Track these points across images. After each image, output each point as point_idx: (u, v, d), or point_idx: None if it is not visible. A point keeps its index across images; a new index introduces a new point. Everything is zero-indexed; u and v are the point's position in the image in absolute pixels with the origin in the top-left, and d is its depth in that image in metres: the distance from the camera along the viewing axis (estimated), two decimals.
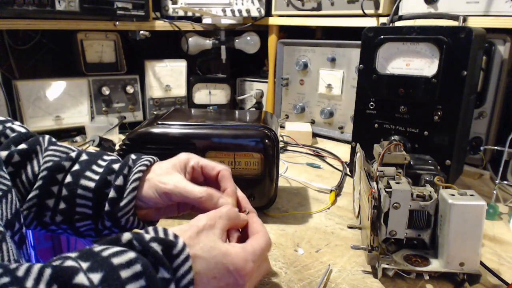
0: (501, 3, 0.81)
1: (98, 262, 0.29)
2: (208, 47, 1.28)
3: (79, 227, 0.49)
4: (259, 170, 0.62)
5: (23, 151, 0.47)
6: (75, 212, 0.48)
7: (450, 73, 0.69)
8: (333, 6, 1.07)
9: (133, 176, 0.47)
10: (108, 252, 0.30)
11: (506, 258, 0.57)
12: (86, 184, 0.47)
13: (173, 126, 0.63)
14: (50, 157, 0.49)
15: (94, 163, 0.49)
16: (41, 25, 0.95)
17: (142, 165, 0.48)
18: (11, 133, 0.49)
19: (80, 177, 0.48)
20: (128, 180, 0.47)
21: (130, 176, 0.47)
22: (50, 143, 0.51)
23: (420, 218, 0.51)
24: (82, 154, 0.51)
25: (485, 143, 0.90)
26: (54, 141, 0.52)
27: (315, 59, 1.14)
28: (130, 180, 0.47)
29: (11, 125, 0.50)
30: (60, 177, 0.48)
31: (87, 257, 0.30)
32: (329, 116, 1.12)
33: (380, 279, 0.50)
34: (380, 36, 0.75)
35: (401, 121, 0.76)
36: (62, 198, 0.48)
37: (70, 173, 0.48)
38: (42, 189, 0.47)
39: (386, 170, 0.55)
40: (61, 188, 0.48)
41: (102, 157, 0.51)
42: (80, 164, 0.49)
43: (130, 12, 1.07)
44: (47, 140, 0.51)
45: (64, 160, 0.49)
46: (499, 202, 0.72)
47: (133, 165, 0.49)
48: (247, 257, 0.38)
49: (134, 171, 0.48)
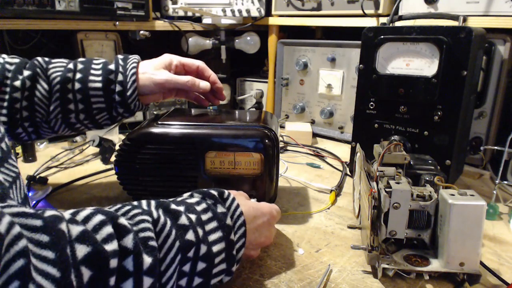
0: (501, 3, 0.81)
1: (178, 202, 0.43)
2: (208, 47, 1.28)
3: (98, 119, 0.65)
4: (259, 170, 0.62)
5: (30, 76, 0.61)
6: (93, 109, 0.64)
7: (450, 73, 0.69)
8: (333, 6, 1.07)
9: (130, 72, 0.63)
10: (181, 198, 0.45)
11: (506, 258, 0.57)
12: (93, 86, 0.63)
13: (173, 126, 0.63)
14: (55, 73, 0.63)
15: (91, 69, 0.64)
16: (41, 25, 0.95)
17: (133, 63, 0.65)
18: (10, 66, 0.61)
19: (86, 82, 0.63)
20: (127, 75, 0.63)
21: (127, 72, 0.64)
22: (46, 62, 0.64)
23: (420, 218, 0.51)
24: (77, 63, 0.64)
25: (485, 143, 0.90)
26: (47, 60, 0.65)
27: (315, 59, 1.14)
28: (128, 75, 0.63)
29: (7, 59, 0.61)
30: (70, 86, 0.62)
31: (168, 201, 0.43)
32: (329, 116, 1.12)
33: (380, 279, 0.50)
34: (380, 36, 0.75)
35: (401, 121, 0.76)
36: (79, 101, 0.63)
37: (77, 81, 0.63)
38: (60, 99, 0.62)
39: (386, 170, 0.55)
40: (75, 94, 0.62)
41: (93, 62, 0.65)
42: (80, 72, 0.63)
43: (130, 12, 1.07)
44: (42, 60, 0.64)
45: (67, 72, 0.63)
46: (499, 202, 0.72)
47: (124, 63, 0.65)
48: (271, 206, 0.53)
49: (128, 68, 0.64)
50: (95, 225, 0.32)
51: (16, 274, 0.25)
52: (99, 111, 0.64)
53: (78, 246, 0.30)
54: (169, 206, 0.41)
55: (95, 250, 0.30)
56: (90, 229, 0.32)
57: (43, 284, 0.26)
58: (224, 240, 0.42)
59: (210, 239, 0.41)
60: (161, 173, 0.63)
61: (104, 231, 0.32)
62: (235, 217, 0.45)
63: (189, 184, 0.63)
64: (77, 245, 0.30)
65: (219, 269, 0.42)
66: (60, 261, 0.28)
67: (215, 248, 0.41)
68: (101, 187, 0.78)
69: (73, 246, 0.29)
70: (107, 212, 0.34)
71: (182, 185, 0.63)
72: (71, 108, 0.63)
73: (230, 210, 0.45)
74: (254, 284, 0.49)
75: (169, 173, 0.63)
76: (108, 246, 0.31)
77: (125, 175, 0.64)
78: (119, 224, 0.34)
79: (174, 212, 0.40)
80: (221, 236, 0.41)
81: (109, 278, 0.31)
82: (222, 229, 0.42)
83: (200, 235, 0.40)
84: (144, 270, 0.33)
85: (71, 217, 0.32)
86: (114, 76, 0.63)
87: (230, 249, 0.42)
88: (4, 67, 0.60)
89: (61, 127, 0.65)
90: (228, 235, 0.42)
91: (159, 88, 0.65)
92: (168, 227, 0.37)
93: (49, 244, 0.28)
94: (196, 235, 0.39)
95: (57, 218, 0.30)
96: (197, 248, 0.39)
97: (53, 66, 0.64)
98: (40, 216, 0.29)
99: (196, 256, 0.39)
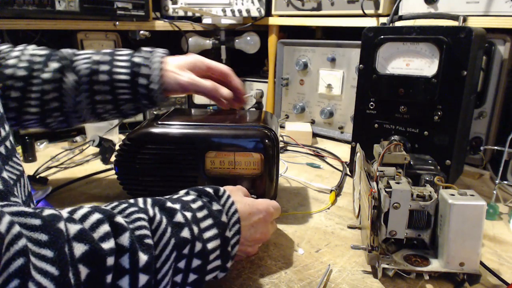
0: (501, 3, 0.81)
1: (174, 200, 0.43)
2: (208, 47, 1.27)
3: (124, 110, 0.67)
4: (259, 170, 0.62)
5: (58, 68, 0.63)
6: (119, 99, 0.65)
7: (450, 73, 0.69)
8: (333, 6, 1.07)
9: (156, 66, 0.65)
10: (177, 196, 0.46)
11: (506, 258, 0.57)
12: (120, 78, 0.64)
13: (173, 126, 0.63)
14: (81, 65, 0.65)
15: (115, 61, 0.65)
16: (41, 25, 0.95)
17: (159, 57, 0.66)
18: (38, 58, 0.64)
19: (113, 74, 0.64)
20: (153, 69, 0.65)
21: (153, 66, 0.65)
22: (72, 54, 0.67)
23: (420, 218, 0.51)
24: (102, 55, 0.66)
25: (485, 143, 0.90)
26: (72, 52, 0.67)
27: (315, 59, 1.14)
28: (154, 70, 0.65)
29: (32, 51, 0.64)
30: (97, 77, 0.64)
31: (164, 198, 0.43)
32: (329, 116, 1.12)
33: (380, 279, 0.50)
34: (380, 36, 0.74)
35: (401, 121, 0.76)
36: (105, 93, 0.65)
37: (103, 73, 0.64)
38: (88, 91, 0.64)
39: (386, 170, 0.55)
40: (102, 86, 0.64)
41: (118, 54, 0.67)
42: (106, 64, 0.65)
43: (130, 12, 1.07)
44: (68, 52, 0.66)
45: (93, 64, 0.64)
46: (499, 202, 0.72)
47: (150, 57, 0.66)
48: (269, 203, 0.52)
49: (155, 62, 0.65)
50: (92, 223, 0.33)
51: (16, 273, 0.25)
52: (125, 102, 0.66)
53: (76, 245, 0.30)
54: (165, 204, 0.41)
55: (93, 248, 0.31)
56: (88, 228, 0.32)
57: (42, 282, 0.27)
58: (219, 237, 0.42)
59: (205, 236, 0.41)
60: (161, 173, 0.63)
61: (101, 230, 0.33)
62: (230, 214, 0.45)
63: (189, 184, 0.62)
64: (75, 244, 0.30)
65: (214, 265, 0.42)
66: (58, 259, 0.28)
67: (210, 245, 0.41)
68: (101, 187, 0.78)
69: (71, 245, 0.30)
70: (104, 211, 0.35)
71: (182, 185, 0.62)
72: (99, 99, 0.65)
73: (225, 207, 0.45)
74: (254, 284, 0.49)
75: (169, 173, 0.63)
76: (105, 245, 0.32)
77: (125, 175, 0.64)
78: (116, 223, 0.34)
79: (169, 210, 0.40)
80: (216, 233, 0.42)
81: (106, 275, 0.31)
82: (217, 226, 0.43)
83: (195, 232, 0.40)
84: (140, 268, 0.34)
85: (68, 215, 0.32)
86: (140, 69, 0.65)
87: (225, 245, 0.43)
88: (32, 59, 0.63)
89: (90, 117, 0.68)
90: (223, 232, 0.43)
91: (181, 89, 0.66)
92: (163, 225, 0.38)
93: (48, 243, 0.28)
94: (191, 232, 0.40)
95: (55, 217, 0.31)
96: (192, 245, 0.40)
97: (79, 58, 0.66)
98: (39, 215, 0.30)
99: (191, 253, 0.39)
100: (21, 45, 0.66)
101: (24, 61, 0.63)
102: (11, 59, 0.63)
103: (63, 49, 0.67)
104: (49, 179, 0.81)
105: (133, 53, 0.67)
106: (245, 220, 0.47)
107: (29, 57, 0.63)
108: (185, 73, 0.66)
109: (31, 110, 0.63)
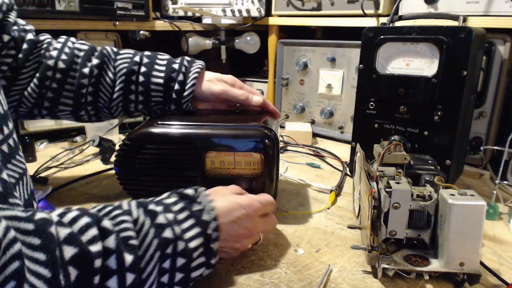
0: (501, 3, 0.81)
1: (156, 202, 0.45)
2: (208, 47, 1.28)
3: (154, 110, 0.71)
4: (259, 170, 0.62)
5: (98, 64, 0.67)
6: (151, 101, 0.69)
7: (450, 73, 0.69)
8: (333, 6, 1.07)
9: (192, 75, 0.68)
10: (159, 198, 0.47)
11: (506, 258, 0.57)
12: (156, 81, 0.68)
13: (173, 126, 0.63)
14: (121, 65, 0.68)
15: (155, 64, 0.69)
16: (41, 25, 0.95)
17: (197, 67, 0.69)
18: (79, 53, 0.67)
19: (150, 76, 0.68)
20: (188, 77, 0.68)
21: (189, 74, 0.68)
22: (114, 53, 0.70)
23: (420, 218, 0.51)
24: (143, 57, 0.69)
25: (485, 143, 0.90)
26: (116, 50, 0.70)
27: (315, 59, 1.14)
28: (189, 78, 0.68)
29: (76, 45, 0.68)
30: (134, 78, 0.67)
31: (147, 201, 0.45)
32: (329, 116, 1.12)
33: (380, 279, 0.50)
34: (380, 36, 0.74)
35: (401, 121, 0.76)
36: (140, 93, 0.68)
37: (141, 74, 0.68)
38: (124, 89, 0.67)
39: (386, 170, 0.55)
40: (138, 86, 0.68)
41: (158, 58, 0.70)
42: (146, 66, 0.68)
43: (130, 12, 1.07)
44: (111, 50, 0.69)
45: (133, 65, 0.68)
46: (499, 202, 0.72)
47: (188, 65, 0.69)
48: (253, 198, 0.52)
49: (192, 71, 0.69)
50: (81, 227, 0.35)
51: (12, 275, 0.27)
52: (156, 104, 0.70)
53: (65, 248, 0.32)
54: (148, 206, 0.43)
55: (81, 251, 0.33)
56: (77, 231, 0.34)
57: (36, 284, 0.29)
58: (202, 236, 0.44)
59: (187, 236, 0.43)
60: (161, 173, 0.63)
61: (90, 233, 0.35)
62: (209, 212, 0.46)
63: (189, 184, 0.62)
64: (64, 247, 0.32)
65: (198, 262, 0.44)
66: (50, 262, 0.30)
67: (192, 243, 0.43)
68: (101, 187, 0.78)
69: (61, 248, 0.32)
70: (92, 214, 0.37)
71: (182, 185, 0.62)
72: (132, 98, 0.68)
73: (205, 206, 0.47)
74: (254, 284, 0.49)
75: (169, 173, 0.63)
76: (93, 247, 0.34)
77: (125, 175, 0.64)
78: (103, 227, 0.36)
79: (152, 212, 0.42)
80: (198, 232, 0.44)
81: (94, 276, 0.33)
82: (199, 225, 0.44)
83: (177, 232, 0.42)
84: (127, 267, 0.36)
85: (59, 219, 0.34)
86: (176, 75, 0.68)
87: (207, 243, 0.44)
88: (74, 53, 0.66)
89: (120, 114, 0.71)
90: (206, 230, 0.45)
91: (214, 97, 0.70)
92: (147, 226, 0.40)
93: (41, 246, 0.30)
94: (173, 232, 0.42)
95: (46, 221, 0.33)
96: (175, 244, 0.41)
97: (120, 57, 0.69)
98: (31, 219, 0.32)
99: (174, 252, 0.41)
100: (62, 37, 0.69)
101: (66, 54, 0.66)
102: (53, 51, 0.66)
103: (107, 47, 0.70)
104: (49, 179, 0.81)
105: (172, 59, 0.70)
106: (224, 216, 0.47)
107: (71, 51, 0.66)
108: (218, 83, 0.70)
109: (66, 102, 0.67)
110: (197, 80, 0.68)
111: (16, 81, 0.63)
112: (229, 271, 0.52)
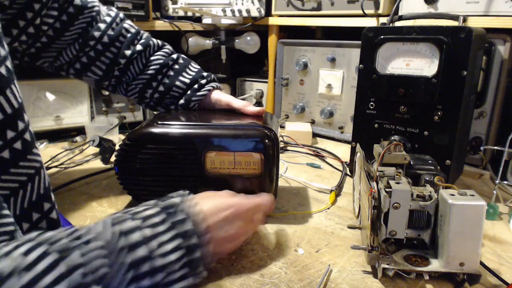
0: (501, 3, 0.81)
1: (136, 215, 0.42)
2: (208, 47, 1.28)
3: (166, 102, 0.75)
4: (259, 170, 0.62)
5: (140, 51, 0.72)
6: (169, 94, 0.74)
7: (450, 73, 0.69)
8: (333, 6, 1.07)
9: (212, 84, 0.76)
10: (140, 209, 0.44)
11: (506, 258, 0.57)
12: (182, 80, 0.74)
13: (173, 126, 0.63)
14: (159, 57, 0.74)
15: (187, 68, 0.76)
16: None
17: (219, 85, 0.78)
18: (126, 33, 0.72)
19: (179, 75, 0.74)
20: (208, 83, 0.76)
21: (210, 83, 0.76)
22: (158, 46, 0.75)
23: (420, 218, 0.51)
24: (179, 57, 0.76)
25: (485, 143, 0.90)
26: (160, 45, 0.76)
27: (315, 59, 1.14)
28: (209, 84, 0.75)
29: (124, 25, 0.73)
30: (165, 70, 0.74)
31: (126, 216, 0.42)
32: (329, 116, 1.12)
33: (380, 279, 0.50)
34: (380, 36, 0.75)
35: (401, 121, 0.76)
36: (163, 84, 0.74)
37: (172, 69, 0.74)
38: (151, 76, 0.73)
39: (386, 170, 0.55)
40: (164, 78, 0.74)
41: (191, 64, 0.77)
42: (179, 65, 0.75)
43: (130, 12, 1.07)
44: (156, 44, 0.75)
45: (169, 60, 0.74)
46: (499, 202, 0.72)
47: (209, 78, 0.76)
48: (242, 197, 0.52)
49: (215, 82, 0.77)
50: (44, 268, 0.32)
51: None
52: (171, 97, 0.75)
53: None
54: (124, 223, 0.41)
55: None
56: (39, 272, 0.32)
57: None
58: (183, 247, 0.42)
59: (166, 249, 0.41)
60: (161, 173, 0.63)
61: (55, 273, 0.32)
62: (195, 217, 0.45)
63: (189, 184, 0.63)
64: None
65: (180, 274, 0.42)
66: None
67: (172, 256, 0.41)
68: (101, 187, 0.78)
69: None
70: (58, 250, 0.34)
71: (182, 185, 0.63)
72: (154, 85, 0.74)
73: (188, 214, 0.45)
74: (254, 284, 0.49)
75: (169, 173, 0.63)
76: None
77: (125, 175, 0.64)
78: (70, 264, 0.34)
79: (127, 231, 0.40)
80: (179, 244, 0.42)
81: None
82: (180, 236, 0.42)
83: (153, 248, 0.40)
84: None
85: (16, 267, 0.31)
86: (200, 79, 0.75)
87: (190, 253, 0.43)
88: (121, 32, 0.71)
89: (134, 95, 0.76)
90: (189, 239, 0.43)
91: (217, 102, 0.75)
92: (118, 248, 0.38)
93: None
94: (147, 249, 0.40)
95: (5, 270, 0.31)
96: (151, 261, 0.39)
97: (160, 51, 0.75)
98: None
99: (152, 269, 0.39)
100: (112, 10, 0.73)
101: (113, 29, 0.70)
102: (101, 23, 0.70)
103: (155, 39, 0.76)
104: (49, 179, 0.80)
105: (203, 71, 0.77)
106: (211, 216, 0.47)
107: (119, 29, 0.71)
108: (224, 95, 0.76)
109: (96, 71, 0.72)
110: (213, 90, 0.75)
111: (57, 40, 0.68)
112: (229, 271, 0.52)
